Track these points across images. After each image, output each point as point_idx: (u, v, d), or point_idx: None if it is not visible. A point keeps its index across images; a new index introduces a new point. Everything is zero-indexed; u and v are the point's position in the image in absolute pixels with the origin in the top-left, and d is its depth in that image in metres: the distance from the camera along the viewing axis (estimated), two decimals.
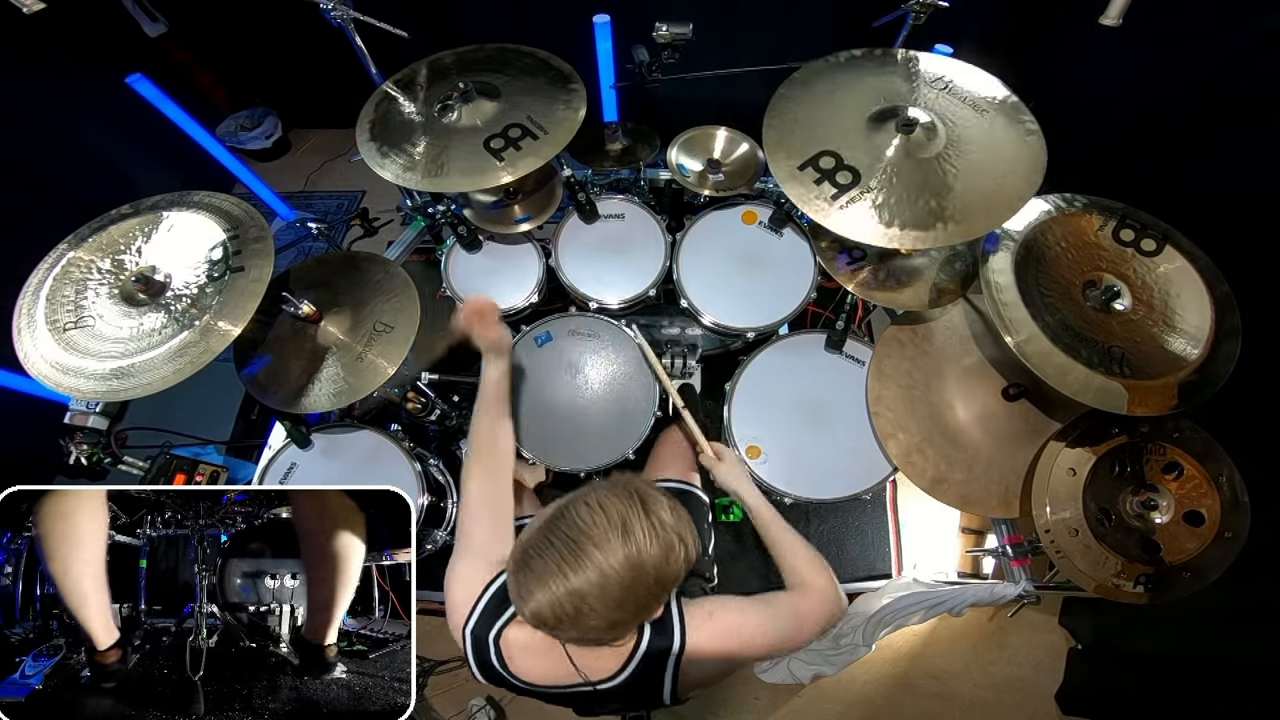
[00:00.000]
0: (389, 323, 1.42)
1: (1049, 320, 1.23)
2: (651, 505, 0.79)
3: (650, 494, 0.81)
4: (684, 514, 0.82)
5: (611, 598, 0.74)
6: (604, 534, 0.75)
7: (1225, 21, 1.56)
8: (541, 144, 1.42)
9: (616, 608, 0.75)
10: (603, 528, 0.75)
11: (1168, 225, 1.32)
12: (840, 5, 2.23)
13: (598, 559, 0.73)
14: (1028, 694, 1.95)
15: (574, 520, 0.76)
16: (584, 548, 0.74)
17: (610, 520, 0.76)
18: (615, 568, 0.74)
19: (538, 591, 0.74)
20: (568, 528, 0.76)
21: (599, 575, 0.73)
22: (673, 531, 0.78)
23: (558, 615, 0.74)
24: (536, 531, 0.79)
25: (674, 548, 0.78)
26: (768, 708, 1.95)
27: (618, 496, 0.79)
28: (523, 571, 0.77)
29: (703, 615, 0.92)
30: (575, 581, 0.73)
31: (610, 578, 0.74)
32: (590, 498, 0.79)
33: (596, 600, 0.74)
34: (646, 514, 0.77)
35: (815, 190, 1.23)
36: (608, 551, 0.74)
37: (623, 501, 0.78)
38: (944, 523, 2.05)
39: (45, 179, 2.37)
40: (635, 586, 0.75)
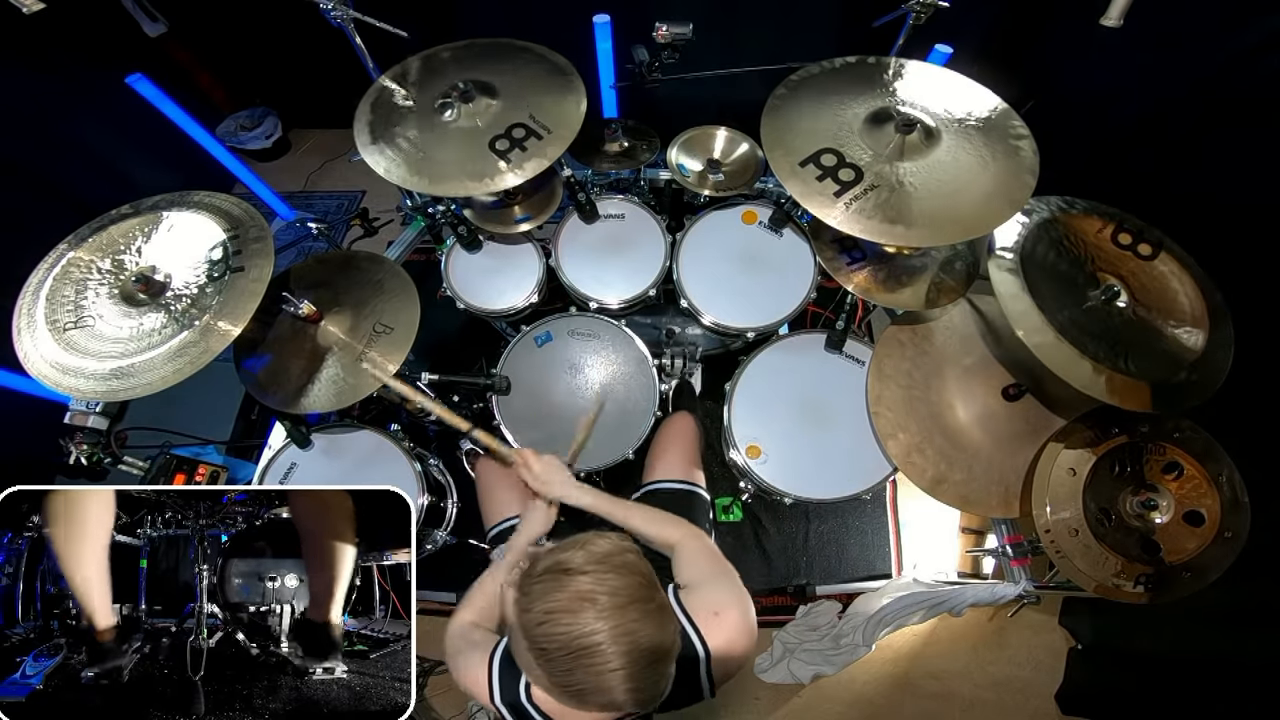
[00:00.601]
0: (389, 323, 1.42)
1: (1058, 317, 1.23)
2: (571, 565, 0.76)
3: (556, 564, 0.78)
4: (580, 538, 0.81)
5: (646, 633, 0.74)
6: (584, 623, 0.72)
7: (1226, 23, 1.56)
8: (547, 143, 1.41)
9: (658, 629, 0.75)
10: (577, 622, 0.72)
11: (1160, 232, 1.33)
12: (840, 5, 2.23)
13: (606, 636, 0.72)
14: (1028, 694, 1.94)
15: (557, 646, 0.73)
16: (592, 646, 0.72)
17: (573, 610, 0.73)
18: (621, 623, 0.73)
19: (619, 697, 0.73)
20: (561, 654, 0.73)
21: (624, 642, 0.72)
22: (601, 557, 0.77)
23: (652, 680, 0.74)
24: (550, 678, 0.75)
25: (617, 561, 0.78)
26: (768, 708, 1.95)
27: (550, 593, 0.75)
28: (589, 702, 0.75)
29: (709, 615, 0.93)
30: (617, 663, 0.71)
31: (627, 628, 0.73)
32: (541, 620, 0.74)
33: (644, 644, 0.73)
34: (578, 574, 0.75)
35: (818, 187, 1.23)
36: (603, 626, 0.72)
37: (556, 591, 0.75)
38: (944, 523, 2.05)
39: (45, 179, 2.37)
40: (642, 608, 0.75)
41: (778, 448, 1.55)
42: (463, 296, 1.80)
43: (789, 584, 2.03)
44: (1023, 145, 1.25)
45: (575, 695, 0.75)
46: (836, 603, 1.94)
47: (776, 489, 1.52)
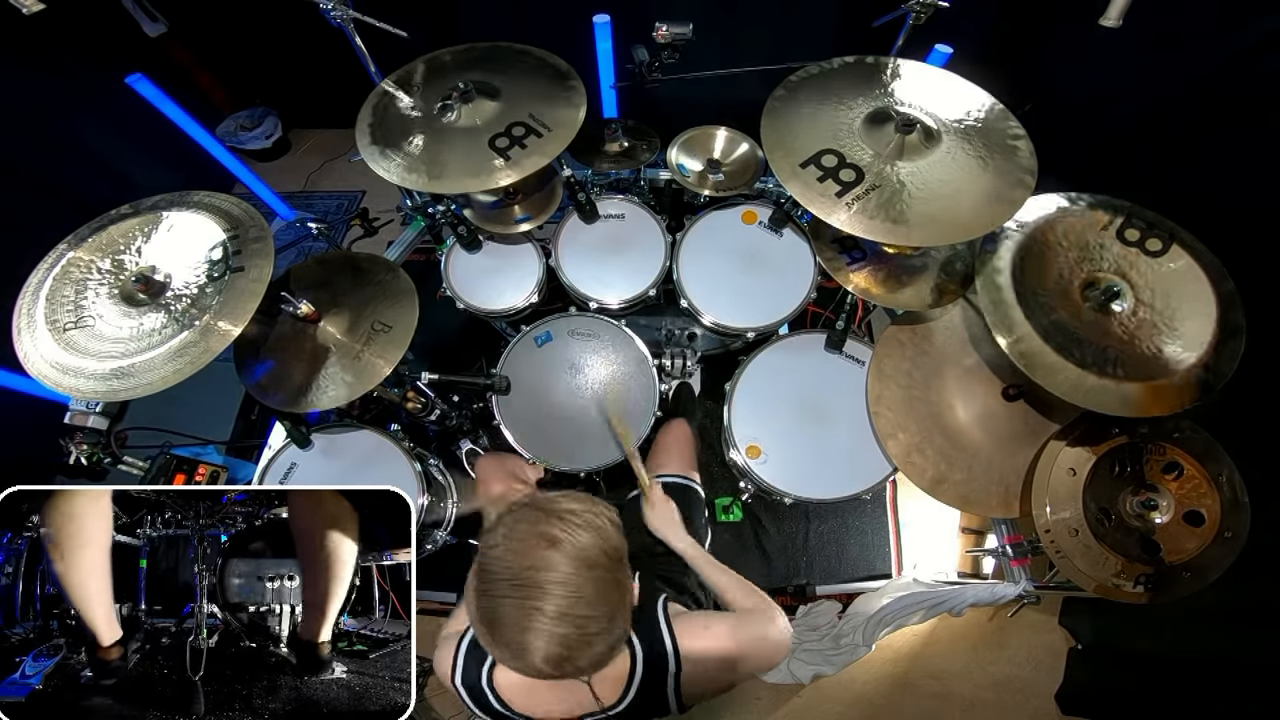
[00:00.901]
0: (387, 322, 1.42)
1: (1043, 321, 1.22)
2: (551, 507, 0.76)
3: (542, 500, 0.78)
4: (579, 494, 0.80)
5: (589, 597, 0.72)
6: (538, 558, 0.71)
7: (1225, 23, 1.56)
8: (547, 141, 1.42)
9: (602, 602, 0.73)
10: (531, 554, 0.72)
11: (1173, 224, 1.31)
12: (840, 5, 2.23)
13: (553, 578, 0.70)
14: (1028, 694, 1.94)
15: (502, 568, 0.72)
16: (532, 579, 0.70)
17: (532, 543, 0.73)
18: (572, 574, 0.71)
19: (532, 642, 0.70)
20: (501, 578, 0.72)
21: (566, 590, 0.70)
22: (584, 513, 0.76)
23: (568, 646, 0.71)
24: (478, 602, 0.74)
25: (599, 525, 0.76)
26: (768, 708, 1.95)
27: (520, 522, 0.75)
28: (500, 639, 0.72)
29: (699, 628, 0.93)
30: (550, 608, 0.69)
31: (575, 583, 0.71)
32: (499, 542, 0.74)
33: (582, 608, 0.71)
34: (555, 516, 0.75)
35: (819, 188, 1.23)
36: (554, 567, 0.71)
37: (527, 522, 0.75)
38: (944, 523, 2.05)
39: (45, 179, 2.37)
40: (600, 575, 0.73)
41: (778, 448, 1.55)
42: (463, 296, 1.80)
43: (789, 584, 2.03)
44: (1019, 145, 1.25)
45: (494, 627, 0.72)
46: (836, 603, 1.94)
47: (776, 489, 1.52)
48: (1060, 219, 1.34)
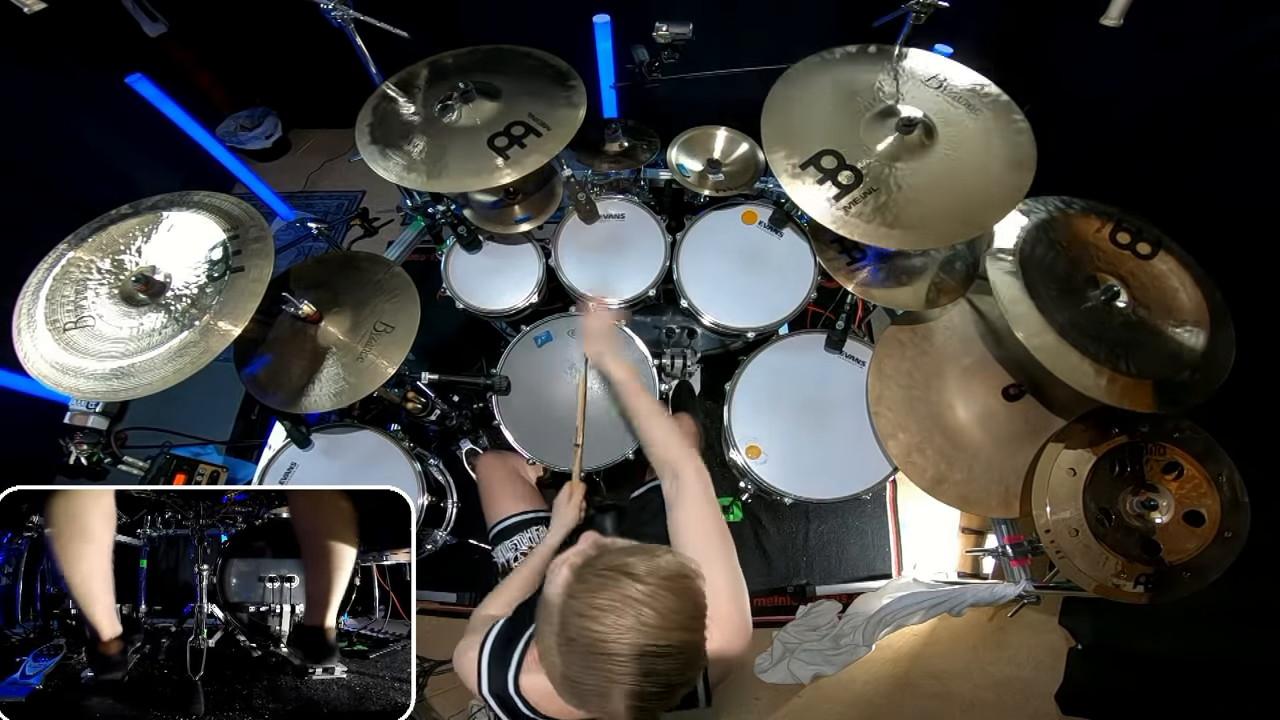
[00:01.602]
0: (389, 323, 1.42)
1: (1056, 318, 1.22)
2: (635, 571, 0.72)
3: (628, 560, 0.74)
4: (670, 554, 0.77)
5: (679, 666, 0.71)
6: (637, 634, 0.69)
7: (1226, 23, 1.56)
8: (545, 140, 1.42)
9: (688, 666, 0.72)
10: (631, 633, 0.69)
11: (1158, 231, 1.33)
12: (840, 5, 2.23)
13: (651, 649, 0.69)
14: (1028, 694, 1.94)
15: (590, 638, 0.70)
16: (630, 653, 0.69)
17: (620, 609, 0.70)
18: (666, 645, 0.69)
19: (617, 703, 0.70)
20: (601, 653, 0.70)
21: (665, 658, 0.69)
22: (671, 577, 0.73)
23: (647, 701, 0.70)
24: (569, 667, 0.72)
25: (687, 586, 0.74)
26: (768, 708, 1.95)
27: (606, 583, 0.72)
28: (583, 699, 0.73)
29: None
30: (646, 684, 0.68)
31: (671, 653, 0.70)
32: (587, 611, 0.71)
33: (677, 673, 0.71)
34: (640, 581, 0.71)
35: (818, 190, 1.23)
36: (654, 640, 0.69)
37: (621, 592, 0.71)
38: (944, 523, 2.05)
39: (45, 179, 2.37)
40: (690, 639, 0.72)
41: (778, 448, 1.55)
42: (462, 296, 1.80)
43: (789, 584, 2.03)
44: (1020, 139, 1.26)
45: (576, 694, 0.74)
46: (836, 603, 1.94)
47: (776, 489, 1.51)
48: (1059, 220, 1.34)
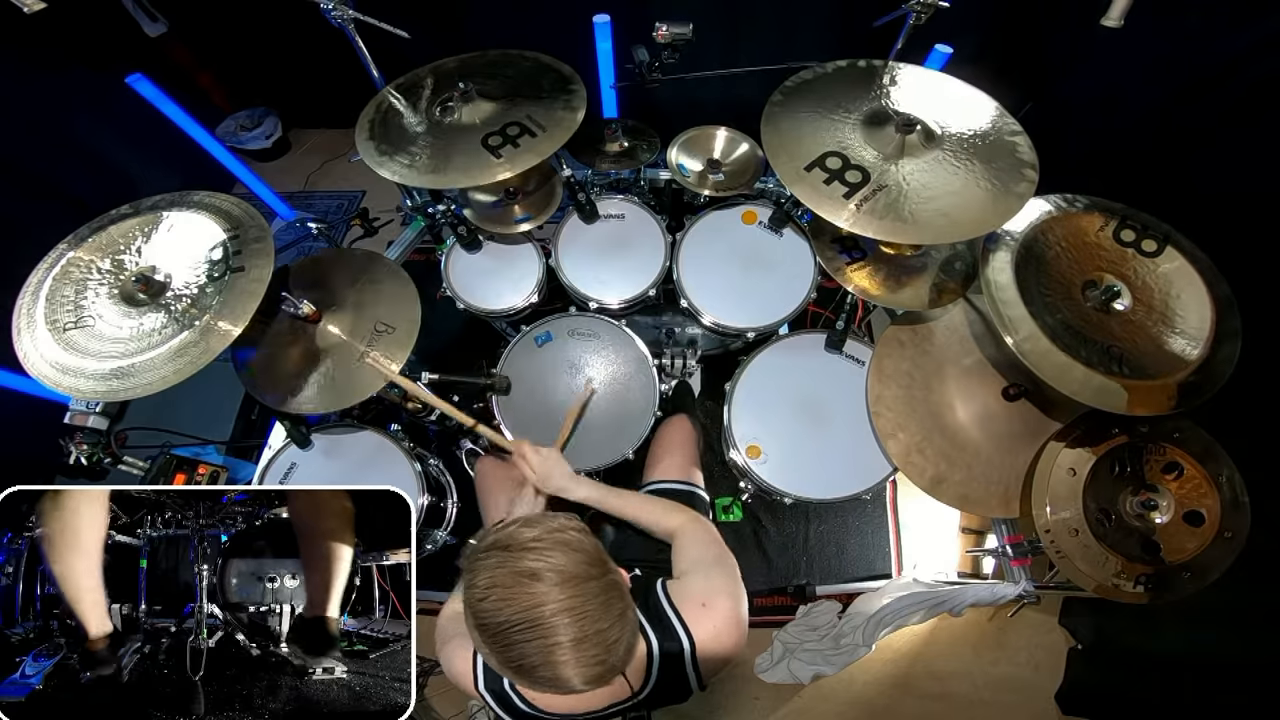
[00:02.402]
0: (389, 323, 1.42)
1: (1049, 320, 1.22)
2: (515, 542, 0.76)
3: (504, 539, 0.77)
4: (530, 518, 0.80)
5: (595, 610, 0.73)
6: (529, 596, 0.71)
7: (1226, 23, 1.56)
8: (540, 141, 1.42)
9: (608, 608, 0.74)
10: (521, 596, 0.72)
11: (1169, 226, 1.32)
12: (840, 5, 2.23)
13: (554, 610, 0.71)
14: (1028, 694, 1.94)
15: (503, 619, 0.72)
16: (537, 619, 0.71)
17: (516, 585, 0.72)
18: (569, 597, 0.72)
19: (566, 673, 0.71)
20: (506, 628, 0.72)
21: (572, 615, 0.71)
22: (546, 536, 0.76)
23: (600, 662, 0.72)
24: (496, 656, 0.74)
25: (565, 539, 0.76)
26: (768, 708, 1.95)
27: (496, 568, 0.74)
28: (535, 680, 0.74)
29: (696, 606, 0.93)
30: (567, 638, 0.70)
31: (577, 605, 0.72)
32: (484, 595, 0.73)
33: (596, 623, 0.72)
34: (523, 549, 0.74)
35: (826, 190, 1.23)
36: (550, 600, 0.71)
37: (502, 567, 0.74)
38: (944, 523, 2.05)
39: (45, 179, 2.37)
40: (593, 585, 0.74)
41: (778, 448, 1.55)
42: (463, 296, 1.80)
43: (789, 584, 2.03)
44: (1019, 142, 1.26)
45: (523, 673, 0.73)
46: (836, 603, 1.94)
47: (776, 489, 1.51)
48: (1059, 220, 1.34)
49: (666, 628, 0.90)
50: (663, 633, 0.90)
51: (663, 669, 0.89)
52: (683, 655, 0.89)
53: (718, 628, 0.91)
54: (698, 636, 0.90)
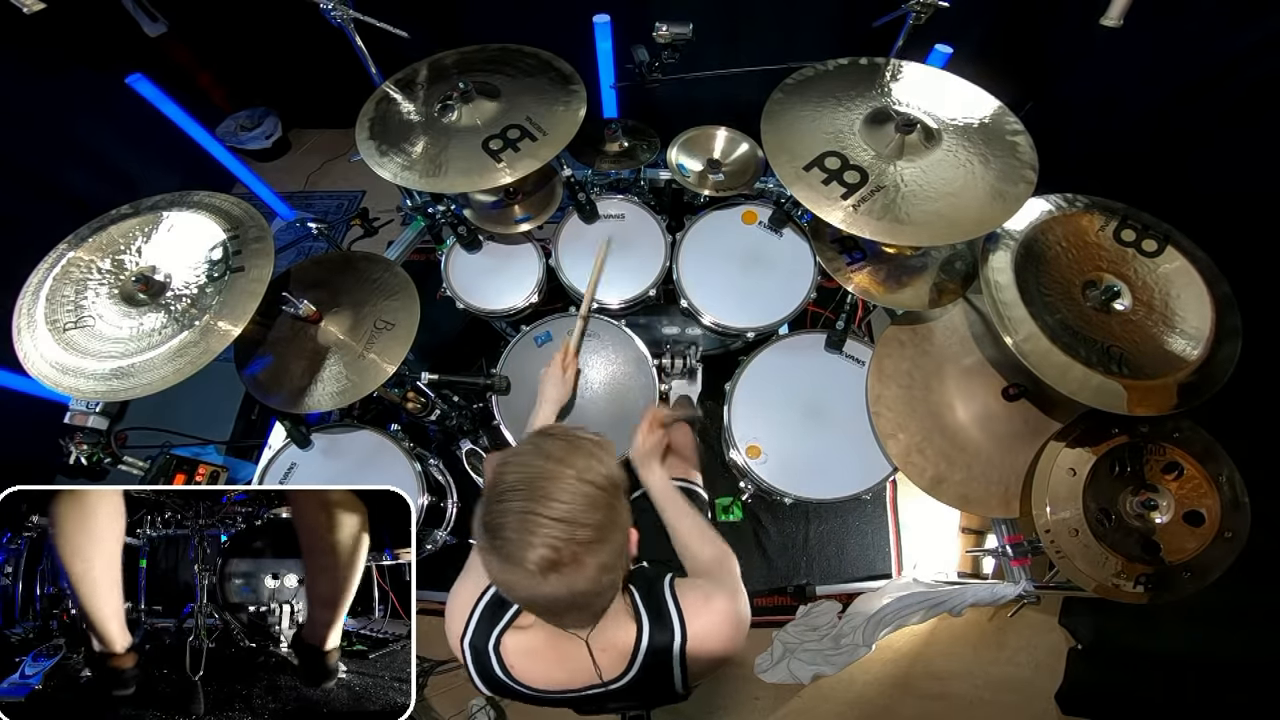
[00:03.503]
0: (389, 320, 1.42)
1: (1049, 320, 1.23)
2: (559, 429, 0.84)
3: (554, 426, 0.88)
4: (589, 432, 0.84)
5: (582, 506, 0.74)
6: (541, 468, 0.76)
7: (1226, 23, 1.56)
8: (540, 145, 1.42)
9: (595, 514, 0.75)
10: (535, 465, 0.76)
11: (1169, 226, 1.32)
12: (840, 5, 2.23)
13: (551, 485, 0.74)
14: (1028, 694, 1.94)
15: (510, 478, 0.76)
16: (533, 484, 0.74)
17: (538, 457, 0.77)
18: (569, 485, 0.75)
19: (527, 540, 0.72)
20: (507, 486, 0.76)
21: (563, 495, 0.74)
22: (587, 442, 0.81)
23: (558, 550, 0.72)
24: (484, 512, 0.77)
25: (599, 454, 0.80)
26: (768, 708, 1.95)
27: (532, 440, 0.82)
28: (497, 543, 0.75)
29: (700, 600, 0.92)
30: (544, 511, 0.73)
31: (570, 491, 0.74)
32: (510, 458, 0.80)
33: (576, 514, 0.73)
34: (562, 438, 0.80)
35: (824, 190, 1.23)
36: (554, 477, 0.75)
37: (537, 441, 0.81)
38: (944, 523, 2.05)
39: (45, 179, 2.37)
40: (594, 492, 0.76)
41: (778, 448, 1.55)
42: (463, 296, 1.80)
43: (789, 584, 2.03)
44: (1019, 141, 1.26)
45: (493, 535, 0.74)
46: (836, 603, 1.94)
47: (776, 489, 1.51)
48: (1059, 220, 1.34)
49: (663, 618, 0.90)
50: (657, 623, 0.89)
51: (647, 660, 0.88)
52: (671, 648, 0.88)
53: (714, 623, 0.91)
54: (691, 629, 0.89)
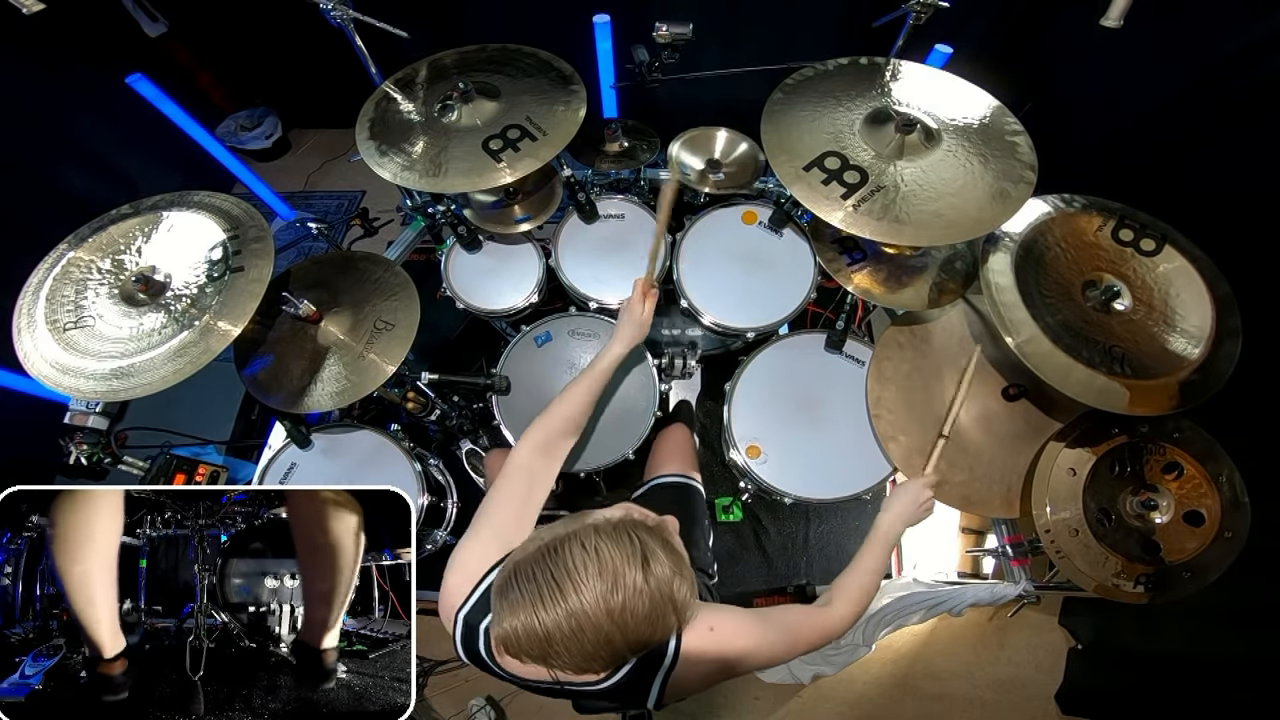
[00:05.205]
0: (389, 320, 1.42)
1: (1049, 321, 1.22)
2: (651, 558, 0.73)
3: (653, 543, 0.75)
4: (686, 568, 0.77)
5: (582, 646, 0.71)
6: (591, 581, 0.70)
7: (1225, 23, 1.56)
8: (540, 145, 1.42)
9: (586, 657, 0.72)
10: (592, 575, 0.70)
11: (1166, 225, 1.32)
12: (840, 5, 2.23)
13: (575, 605, 0.69)
14: (1028, 694, 1.95)
15: (566, 557, 0.72)
16: (565, 589, 0.69)
17: (602, 568, 0.70)
18: (592, 616, 0.69)
19: (507, 619, 0.71)
20: (556, 564, 0.72)
21: (573, 622, 0.69)
22: (668, 589, 0.73)
23: (522, 648, 0.71)
24: (528, 557, 0.74)
25: (664, 610, 0.73)
26: (768, 708, 1.95)
27: (618, 543, 0.73)
28: (502, 595, 0.73)
29: (703, 629, 0.89)
30: (546, 620, 0.69)
31: (585, 626, 0.69)
32: (589, 538, 0.73)
33: (564, 644, 0.70)
34: (644, 567, 0.72)
35: (824, 190, 1.23)
36: (588, 599, 0.69)
37: (621, 550, 0.72)
38: (944, 523, 2.05)
39: (45, 179, 2.37)
40: (612, 640, 0.72)
41: (778, 448, 1.55)
42: (463, 296, 1.80)
43: (789, 584, 2.03)
44: (1019, 142, 1.26)
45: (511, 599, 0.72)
46: None
47: (776, 489, 1.51)
48: (1058, 220, 1.34)
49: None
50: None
51: (634, 670, 0.84)
52: (660, 664, 0.85)
53: (709, 650, 0.88)
54: (685, 651, 0.86)
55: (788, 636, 0.96)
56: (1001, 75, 1.43)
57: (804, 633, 0.98)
